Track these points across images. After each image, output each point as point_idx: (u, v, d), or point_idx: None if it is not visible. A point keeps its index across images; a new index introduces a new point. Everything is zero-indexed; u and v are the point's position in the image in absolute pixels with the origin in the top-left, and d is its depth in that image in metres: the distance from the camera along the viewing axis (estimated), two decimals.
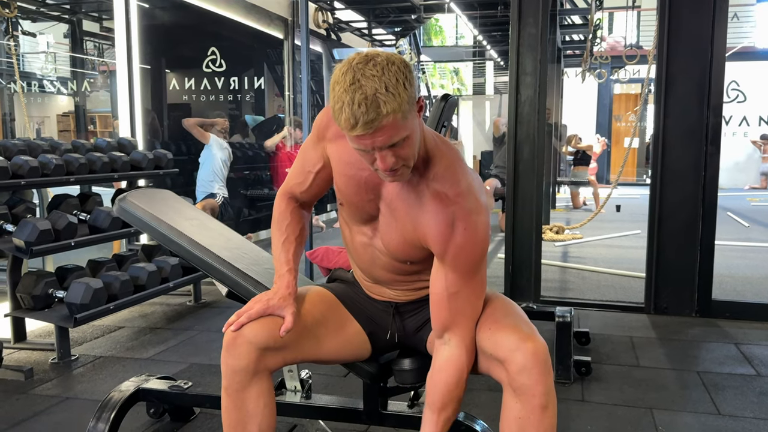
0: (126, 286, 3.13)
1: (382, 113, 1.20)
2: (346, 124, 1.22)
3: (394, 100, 1.20)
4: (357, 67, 1.21)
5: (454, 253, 1.38)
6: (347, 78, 1.21)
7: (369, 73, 1.20)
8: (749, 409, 2.45)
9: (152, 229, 1.84)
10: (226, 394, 1.46)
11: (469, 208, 1.37)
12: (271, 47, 7.05)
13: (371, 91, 1.19)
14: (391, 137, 1.23)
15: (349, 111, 1.20)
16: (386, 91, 1.19)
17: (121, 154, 3.64)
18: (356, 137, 1.23)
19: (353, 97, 1.19)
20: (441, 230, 1.37)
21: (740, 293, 4.26)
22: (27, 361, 2.94)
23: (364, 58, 1.22)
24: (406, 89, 1.22)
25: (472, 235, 1.37)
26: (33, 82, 9.26)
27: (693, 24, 3.57)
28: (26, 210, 3.12)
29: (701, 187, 3.59)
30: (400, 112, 1.21)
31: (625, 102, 16.32)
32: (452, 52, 14.92)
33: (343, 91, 1.20)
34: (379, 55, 1.23)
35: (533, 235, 3.79)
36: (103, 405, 1.98)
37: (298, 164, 1.63)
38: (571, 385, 2.65)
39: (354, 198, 1.49)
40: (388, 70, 1.21)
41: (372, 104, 1.19)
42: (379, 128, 1.21)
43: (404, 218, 1.43)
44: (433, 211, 1.38)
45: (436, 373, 1.44)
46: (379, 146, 1.24)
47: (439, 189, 1.38)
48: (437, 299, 1.43)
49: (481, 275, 1.44)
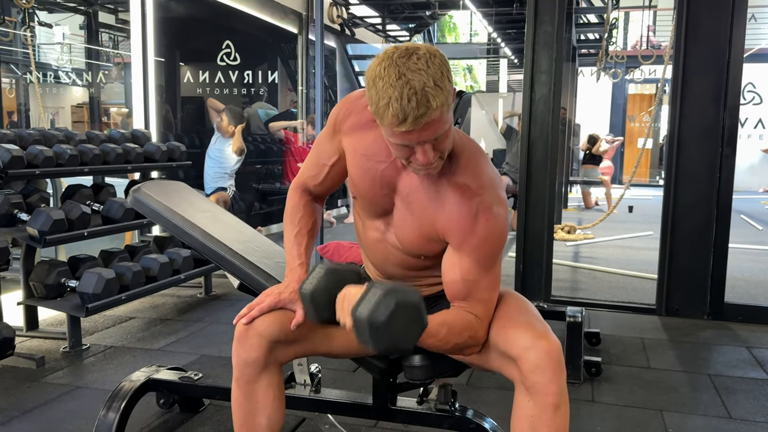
0: (138, 276, 3.14)
1: (432, 107, 1.18)
2: (393, 120, 1.19)
3: (441, 93, 1.19)
4: (400, 61, 1.19)
5: (475, 244, 1.37)
6: (391, 73, 1.18)
7: (414, 67, 1.18)
8: (761, 413, 2.43)
9: (166, 220, 1.84)
10: (236, 385, 1.46)
11: (491, 200, 1.37)
12: (285, 42, 7.05)
13: (420, 86, 1.17)
14: (436, 131, 1.22)
15: (397, 106, 1.17)
16: (434, 85, 1.18)
17: (134, 145, 3.66)
18: (402, 133, 1.21)
19: (402, 93, 1.17)
20: (463, 221, 1.36)
21: (753, 297, 4.22)
22: (39, 349, 2.97)
23: (405, 52, 1.20)
24: (449, 82, 1.22)
25: (494, 227, 1.37)
26: (48, 73, 9.33)
27: (711, 24, 3.53)
28: (40, 199, 3.14)
29: (716, 189, 3.56)
30: (446, 105, 1.21)
31: (639, 102, 16.21)
32: (466, 49, 14.87)
33: (389, 87, 1.18)
34: (419, 48, 1.22)
35: (545, 235, 3.77)
36: (113, 394, 2.00)
37: (312, 157, 1.62)
38: (581, 386, 2.64)
39: (369, 192, 1.48)
40: (432, 63, 1.19)
41: (422, 99, 1.17)
42: (428, 123, 1.20)
43: (422, 211, 1.42)
44: (456, 202, 1.37)
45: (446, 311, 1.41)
46: (425, 140, 1.23)
47: (461, 181, 1.38)
48: (451, 283, 1.41)
49: (497, 269, 1.43)
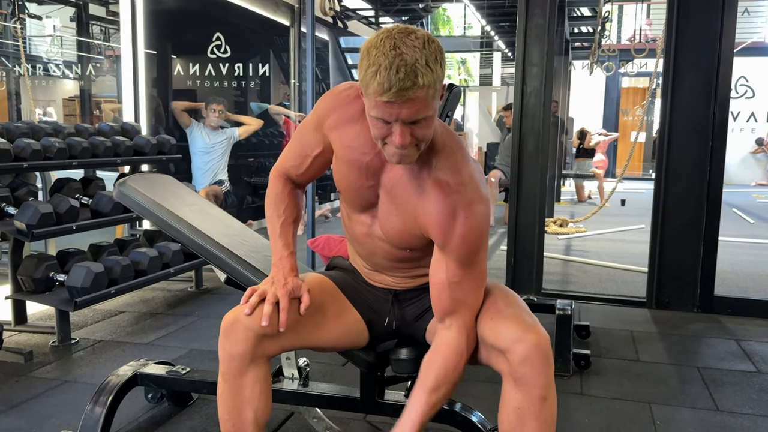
0: (127, 270, 3.13)
1: (418, 83, 1.18)
2: (378, 88, 1.19)
3: (431, 74, 1.20)
4: (398, 36, 1.20)
5: (455, 242, 1.37)
6: (386, 43, 1.19)
7: (410, 44, 1.19)
8: (748, 405, 2.44)
9: (151, 213, 1.83)
10: (222, 379, 1.46)
11: (470, 197, 1.36)
12: (277, 34, 7.01)
13: (411, 60, 1.18)
14: (417, 112, 1.22)
15: (385, 74, 1.17)
16: (426, 64, 1.19)
17: (124, 138, 3.64)
18: (383, 103, 1.21)
19: (392, 62, 1.17)
20: (442, 219, 1.36)
21: (743, 290, 4.24)
22: (27, 343, 2.95)
23: (405, 29, 1.22)
24: (441, 69, 1.22)
25: (473, 224, 1.36)
26: (38, 66, 9.26)
27: (702, 18, 3.53)
28: (28, 193, 3.12)
29: (706, 182, 3.57)
30: (432, 89, 1.21)
31: (633, 95, 16.21)
32: (459, 43, 14.85)
33: (382, 55, 1.18)
34: (419, 31, 1.23)
35: (536, 228, 3.78)
36: (100, 389, 1.99)
37: (295, 146, 1.60)
38: (569, 378, 2.65)
39: (354, 183, 1.48)
40: (428, 46, 1.21)
41: (410, 72, 1.18)
42: (410, 99, 1.20)
43: (405, 205, 1.42)
44: (435, 199, 1.37)
45: (435, 354, 1.43)
46: (403, 119, 1.23)
47: (440, 177, 1.37)
48: (438, 288, 1.42)
49: (482, 265, 1.43)
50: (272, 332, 1.43)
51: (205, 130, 5.20)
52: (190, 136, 5.24)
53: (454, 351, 1.41)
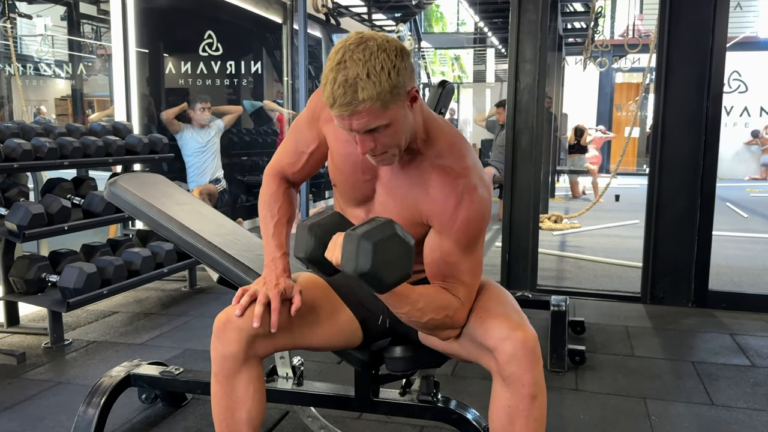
0: (120, 271, 3.11)
1: (358, 98, 1.20)
2: (327, 102, 1.24)
3: (373, 87, 1.20)
4: (349, 47, 1.22)
5: (458, 225, 1.37)
6: (337, 57, 1.22)
7: (356, 57, 1.21)
8: (743, 399, 2.44)
9: (142, 213, 1.82)
10: (215, 380, 1.45)
11: (475, 182, 1.37)
12: (270, 32, 6.98)
13: (353, 75, 1.20)
14: (367, 123, 1.24)
15: (329, 89, 1.22)
16: (367, 77, 1.20)
17: (116, 138, 3.62)
18: (336, 116, 1.25)
19: (336, 77, 1.21)
20: (448, 202, 1.36)
21: (737, 284, 4.26)
22: (20, 345, 2.94)
23: (358, 40, 1.23)
24: (390, 78, 1.21)
25: (478, 208, 1.37)
26: (29, 65, 9.20)
27: (694, 13, 3.53)
28: (19, 193, 3.09)
29: (699, 177, 3.57)
30: (379, 101, 1.21)
31: (626, 91, 16.24)
32: (453, 39, 14.84)
33: (330, 70, 1.23)
34: (374, 39, 1.23)
35: (530, 225, 3.77)
36: (93, 390, 1.97)
37: (290, 143, 1.60)
38: (565, 374, 2.65)
39: (350, 177, 1.47)
40: (376, 56, 1.21)
41: (350, 88, 1.20)
42: (355, 112, 1.22)
43: (404, 196, 1.41)
44: (440, 184, 1.37)
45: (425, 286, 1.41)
46: (356, 129, 1.25)
47: (444, 164, 1.38)
48: (433, 264, 1.41)
49: (479, 254, 1.43)
50: (264, 333, 1.42)
51: (195, 130, 5.17)
52: (182, 141, 5.17)
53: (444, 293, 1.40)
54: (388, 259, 1.21)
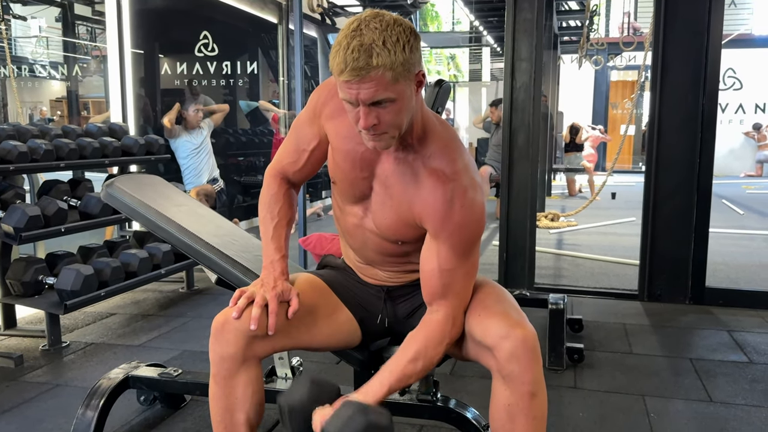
0: (117, 272, 3.10)
1: (372, 64, 1.20)
2: (337, 68, 1.22)
3: (387, 55, 1.20)
4: (365, 19, 1.23)
5: (451, 230, 1.36)
6: (352, 25, 1.23)
7: (373, 26, 1.21)
8: (741, 396, 2.45)
9: (140, 215, 1.82)
10: (214, 381, 1.44)
11: (466, 185, 1.36)
12: (265, 32, 6.98)
13: (368, 41, 1.20)
14: (376, 92, 1.22)
15: (342, 55, 1.20)
16: (383, 44, 1.20)
17: (112, 139, 3.61)
18: (344, 83, 1.23)
19: (350, 42, 1.20)
20: (438, 207, 1.36)
21: (734, 281, 4.27)
22: (17, 348, 2.93)
23: (374, 13, 1.24)
24: (404, 51, 1.22)
25: (470, 212, 1.36)
26: (24, 67, 9.17)
27: (689, 10, 3.53)
28: (15, 196, 3.09)
29: (696, 174, 3.58)
30: (391, 70, 1.21)
31: (622, 89, 16.26)
32: (448, 38, 14.84)
33: (344, 36, 1.22)
34: (390, 15, 1.25)
35: (527, 223, 3.78)
36: (91, 392, 1.97)
37: (291, 143, 1.59)
38: (563, 372, 2.65)
39: (349, 174, 1.47)
40: (392, 28, 1.22)
41: (365, 52, 1.19)
42: (366, 78, 1.21)
43: (400, 196, 1.41)
44: (431, 188, 1.37)
45: (419, 329, 1.41)
46: (363, 99, 1.23)
47: (436, 166, 1.37)
48: (428, 275, 1.41)
49: (475, 257, 1.43)
50: (262, 334, 1.41)
51: (188, 133, 5.20)
52: (175, 144, 5.16)
53: (438, 330, 1.40)
54: None
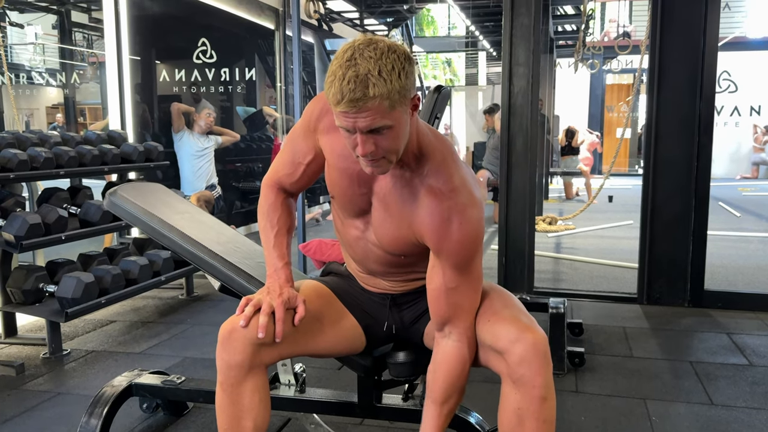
0: (117, 279, 3.10)
1: (369, 94, 1.19)
2: (333, 99, 1.21)
3: (384, 85, 1.19)
4: (358, 47, 1.22)
5: (451, 248, 1.37)
6: (346, 54, 1.21)
7: (367, 54, 1.20)
8: (742, 398, 2.46)
9: (143, 223, 1.82)
10: (221, 389, 1.44)
11: (464, 202, 1.36)
12: (263, 38, 6.99)
13: (364, 71, 1.19)
14: (373, 121, 1.22)
15: (338, 85, 1.20)
16: (378, 74, 1.19)
17: (111, 146, 3.61)
18: (340, 113, 1.23)
19: (345, 73, 1.19)
20: (437, 226, 1.36)
21: (732, 283, 4.28)
22: (18, 356, 2.92)
23: (367, 41, 1.23)
24: (399, 79, 1.21)
25: (468, 229, 1.36)
26: (21, 74, 9.16)
27: (685, 14, 3.56)
28: (15, 204, 3.08)
29: (693, 177, 3.59)
30: (388, 100, 1.20)
31: (617, 92, 16.32)
32: (445, 43, 14.86)
33: (338, 66, 1.21)
34: (383, 41, 1.23)
35: (526, 227, 3.79)
36: (95, 400, 1.97)
37: (287, 154, 1.60)
38: (564, 376, 2.66)
39: (347, 191, 1.47)
40: (387, 56, 1.21)
41: (361, 83, 1.18)
42: (363, 109, 1.20)
43: (398, 214, 1.41)
44: (428, 206, 1.37)
45: (439, 365, 1.44)
46: (361, 128, 1.23)
47: (433, 185, 1.37)
48: (435, 294, 1.42)
49: (478, 268, 1.43)
50: (270, 341, 1.42)
51: (194, 135, 5.31)
52: (180, 141, 5.27)
53: (457, 359, 1.42)
54: None
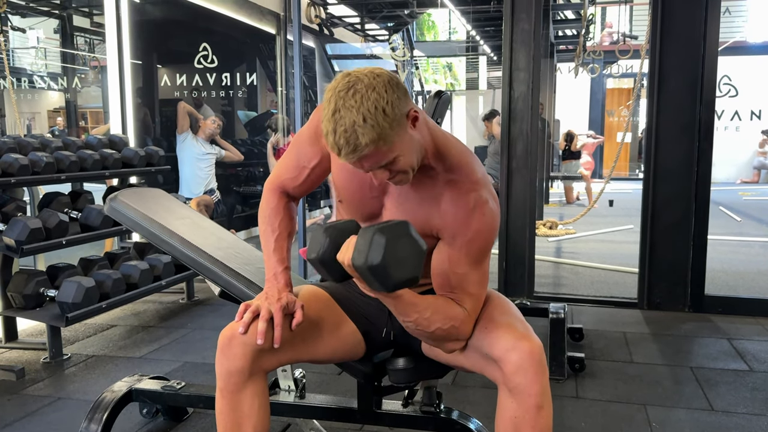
0: (118, 284, 3.11)
1: (361, 145, 1.21)
2: (332, 150, 1.25)
3: (372, 131, 1.20)
4: (339, 95, 1.22)
5: (469, 237, 1.38)
6: (330, 106, 1.22)
7: (348, 104, 1.20)
8: (742, 404, 2.46)
9: (144, 228, 1.82)
10: (221, 395, 1.44)
11: (486, 196, 1.39)
12: (264, 42, 7.01)
13: (350, 123, 1.20)
14: (377, 162, 1.26)
15: (332, 140, 1.22)
16: (364, 122, 1.19)
17: (112, 151, 3.62)
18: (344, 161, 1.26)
19: (335, 128, 1.21)
20: (460, 215, 1.37)
21: (732, 288, 4.28)
22: (18, 360, 2.92)
23: (346, 85, 1.22)
24: (386, 116, 1.21)
25: (488, 220, 1.38)
26: (23, 78, 9.18)
27: (685, 19, 3.56)
28: (17, 208, 3.09)
29: (694, 182, 3.60)
30: (381, 140, 1.22)
31: (617, 96, 16.33)
32: (445, 47, 14.87)
33: (327, 120, 1.23)
34: (360, 81, 1.22)
35: (527, 232, 3.79)
36: (95, 406, 1.97)
37: (291, 158, 1.59)
38: (565, 382, 2.66)
39: (357, 194, 1.48)
40: (367, 98, 1.20)
41: (351, 137, 1.20)
42: (362, 157, 1.23)
43: (414, 210, 1.41)
44: (452, 199, 1.38)
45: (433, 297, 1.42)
46: (367, 170, 1.27)
47: (455, 178, 1.39)
48: (441, 276, 1.42)
49: (486, 266, 1.44)
50: (270, 347, 1.42)
51: (198, 139, 5.33)
52: (183, 143, 5.29)
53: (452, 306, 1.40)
54: (399, 256, 1.21)
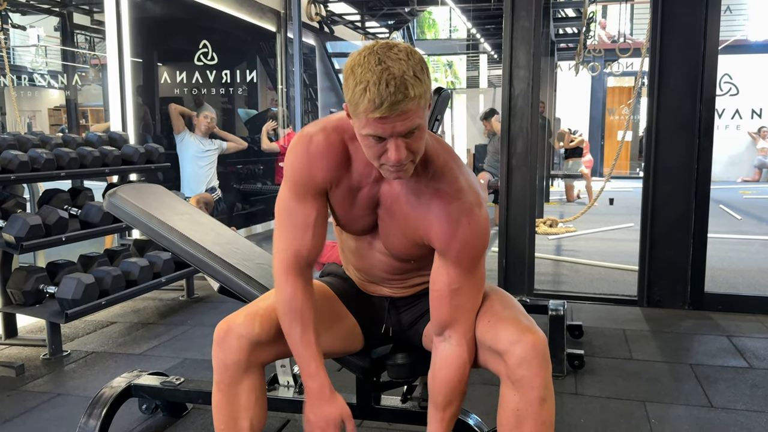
0: (118, 281, 3.11)
1: (410, 95, 1.16)
2: (369, 105, 1.16)
3: (420, 85, 1.18)
4: (381, 51, 1.18)
5: (458, 248, 1.37)
6: (371, 60, 1.17)
7: (395, 57, 1.17)
8: (741, 401, 2.46)
9: (142, 224, 1.83)
10: (217, 389, 1.45)
11: (471, 202, 1.36)
12: (264, 40, 7.00)
13: (399, 73, 1.16)
14: (412, 123, 1.20)
15: (375, 90, 1.15)
16: (414, 75, 1.17)
17: (112, 148, 3.62)
18: (376, 120, 1.18)
19: (381, 77, 1.15)
20: (446, 227, 1.36)
21: (732, 286, 4.28)
22: (18, 357, 2.93)
23: (386, 44, 1.20)
24: (428, 79, 1.21)
25: (476, 228, 1.37)
26: (23, 76, 9.19)
27: (686, 17, 3.56)
28: (16, 205, 3.09)
29: (694, 180, 3.60)
30: (423, 99, 1.20)
31: (618, 95, 16.32)
32: (446, 45, 14.89)
33: (368, 71, 1.16)
34: (399, 44, 1.22)
35: (527, 230, 3.79)
36: (94, 401, 1.98)
37: (288, 227, 1.44)
38: (564, 379, 2.66)
39: (353, 213, 1.45)
40: (412, 57, 1.20)
41: (401, 85, 1.15)
42: (403, 111, 1.17)
43: (406, 219, 1.41)
44: (437, 208, 1.36)
45: (438, 371, 1.44)
46: (398, 132, 1.20)
47: (439, 187, 1.36)
48: (438, 296, 1.42)
49: (482, 269, 1.44)
50: (267, 340, 1.42)
51: (197, 137, 5.34)
52: (182, 143, 5.29)
53: (456, 364, 1.42)
54: None
